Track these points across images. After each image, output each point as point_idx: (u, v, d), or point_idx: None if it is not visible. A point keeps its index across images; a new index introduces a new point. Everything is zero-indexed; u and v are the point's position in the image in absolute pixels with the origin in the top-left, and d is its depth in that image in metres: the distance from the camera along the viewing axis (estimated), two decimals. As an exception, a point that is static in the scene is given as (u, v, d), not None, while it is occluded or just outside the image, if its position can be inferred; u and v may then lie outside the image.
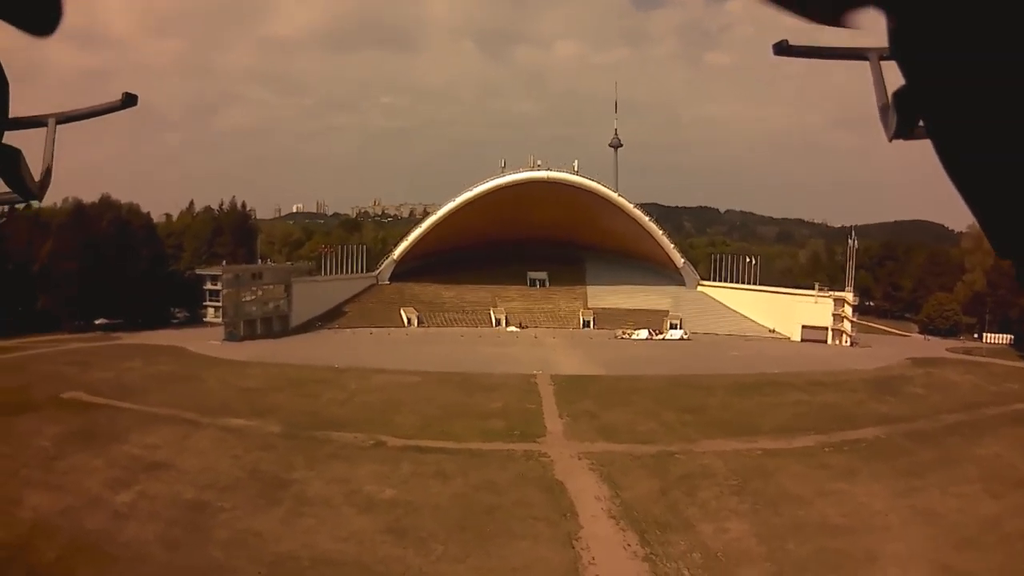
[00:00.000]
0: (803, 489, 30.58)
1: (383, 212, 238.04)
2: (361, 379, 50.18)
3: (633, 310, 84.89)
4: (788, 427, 39.89)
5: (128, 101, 1.72)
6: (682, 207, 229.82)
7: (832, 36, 1.17)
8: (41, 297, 70.24)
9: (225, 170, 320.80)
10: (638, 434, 38.13)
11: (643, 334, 78.12)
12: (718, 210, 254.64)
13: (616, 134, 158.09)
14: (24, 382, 46.09)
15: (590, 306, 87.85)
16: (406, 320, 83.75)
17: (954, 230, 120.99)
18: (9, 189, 1.38)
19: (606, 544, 24.62)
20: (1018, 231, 1.00)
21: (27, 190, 1.40)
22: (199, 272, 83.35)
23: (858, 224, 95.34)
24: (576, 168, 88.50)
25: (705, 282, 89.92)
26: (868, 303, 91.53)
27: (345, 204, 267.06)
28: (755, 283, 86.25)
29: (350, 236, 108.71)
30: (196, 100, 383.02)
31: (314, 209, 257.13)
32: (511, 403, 44.21)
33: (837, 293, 77.62)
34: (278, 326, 75.58)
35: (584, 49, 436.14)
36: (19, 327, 65.20)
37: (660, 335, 78.53)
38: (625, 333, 78.92)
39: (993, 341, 76.73)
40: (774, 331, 79.82)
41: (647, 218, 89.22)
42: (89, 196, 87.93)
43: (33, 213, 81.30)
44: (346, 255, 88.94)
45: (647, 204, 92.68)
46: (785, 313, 79.39)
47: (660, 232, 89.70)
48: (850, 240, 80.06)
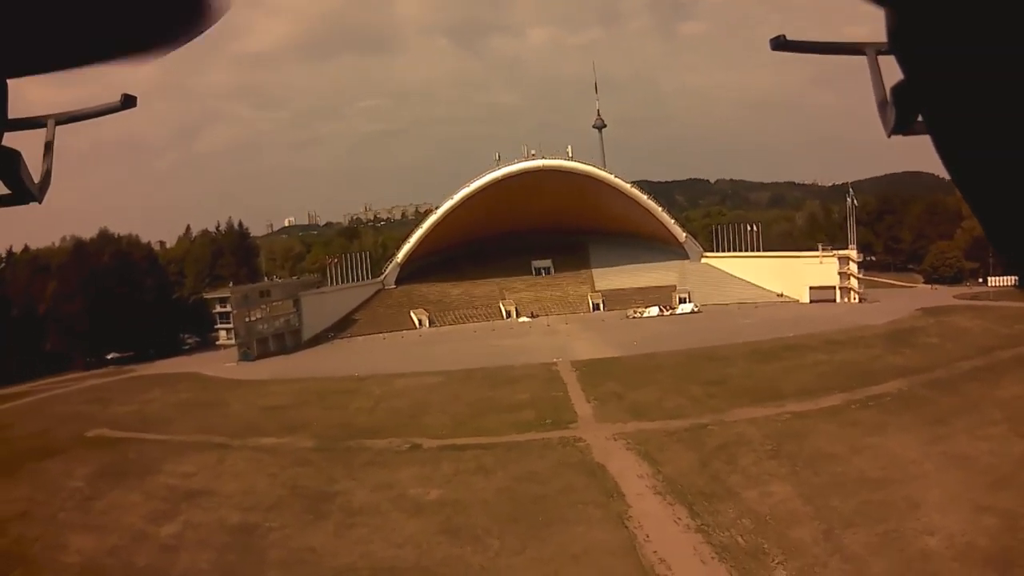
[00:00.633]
0: (837, 447, 30.88)
1: (375, 217, 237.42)
2: (384, 385, 50.32)
3: (641, 288, 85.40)
4: (812, 388, 40.21)
5: (127, 102, 1.70)
6: (672, 181, 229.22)
7: (829, 31, 1.27)
8: (50, 338, 70.36)
9: (213, 191, 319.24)
10: (667, 410, 38.42)
11: (654, 311, 78.53)
12: (708, 181, 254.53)
13: (599, 115, 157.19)
14: (45, 425, 45.90)
15: (598, 289, 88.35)
16: (417, 322, 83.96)
17: (945, 178, 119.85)
18: (9, 191, 1.38)
19: (657, 520, 24.88)
20: (1017, 226, 0.99)
21: (27, 192, 1.39)
22: (207, 296, 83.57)
23: (849, 181, 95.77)
24: (570, 154, 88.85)
25: (709, 254, 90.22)
26: (870, 258, 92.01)
27: (337, 213, 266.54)
28: (757, 250, 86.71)
29: (350, 244, 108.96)
30: (178, 124, 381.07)
31: (306, 221, 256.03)
32: (537, 393, 44.43)
33: (841, 252, 78.07)
34: (291, 341, 75.72)
35: (558, 33, 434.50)
36: (30, 370, 65.46)
37: (671, 310, 78.93)
38: (636, 312, 79.25)
39: (997, 284, 77.25)
40: (782, 295, 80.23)
41: (645, 196, 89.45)
42: (84, 232, 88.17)
43: (31, 256, 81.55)
44: (349, 263, 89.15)
45: (637, 182, 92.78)
46: (791, 276, 79.73)
47: (660, 209, 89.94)
48: (849, 198, 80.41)
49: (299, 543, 25.75)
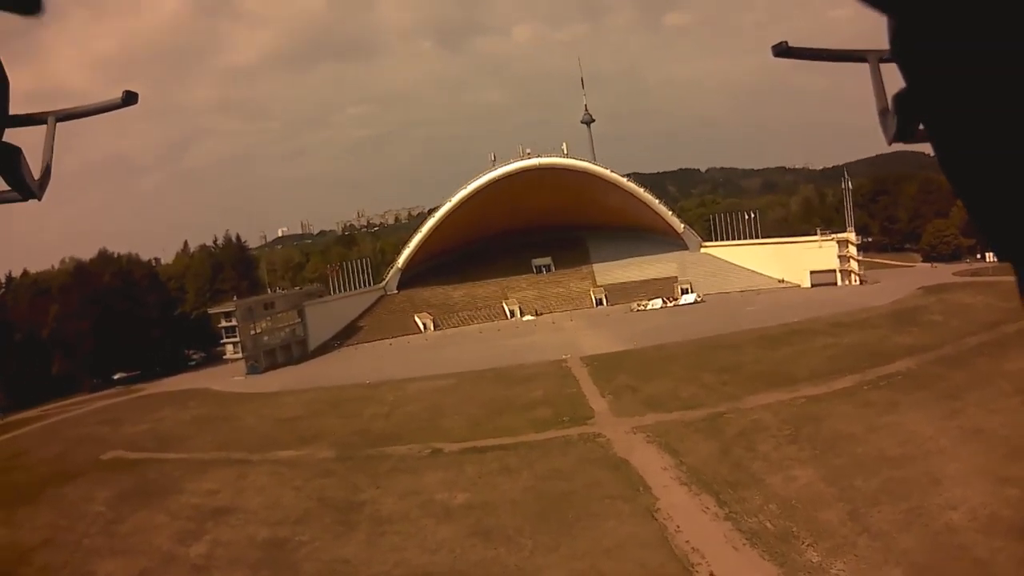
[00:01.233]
0: (854, 428, 31.26)
1: (368, 223, 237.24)
2: (396, 391, 50.42)
3: (642, 281, 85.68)
4: (823, 371, 40.57)
5: (128, 99, 1.69)
6: (663, 172, 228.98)
7: (831, 38, 1.36)
8: (55, 361, 70.18)
9: (206, 206, 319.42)
10: (683, 400, 38.75)
11: (658, 303, 78.80)
12: (699, 170, 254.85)
13: (586, 110, 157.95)
14: (60, 450, 45.59)
15: (599, 284, 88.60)
16: (422, 326, 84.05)
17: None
18: (9, 187, 1.38)
19: (685, 511, 25.21)
20: (1019, 235, 0.98)
21: (27, 188, 1.39)
22: (211, 311, 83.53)
23: (840, 163, 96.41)
24: (565, 151, 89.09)
25: (708, 243, 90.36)
26: (867, 240, 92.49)
27: (329, 221, 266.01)
28: (755, 237, 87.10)
29: (348, 251, 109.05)
30: (167, 141, 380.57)
31: (299, 230, 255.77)
32: (551, 390, 44.65)
33: (839, 235, 78.54)
34: (297, 352, 75.74)
35: (543, 30, 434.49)
36: (38, 395, 65.18)
37: (674, 302, 79.23)
38: (640, 305, 79.52)
39: (996, 260, 77.52)
40: (783, 281, 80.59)
41: (641, 189, 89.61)
42: (83, 253, 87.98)
43: (32, 280, 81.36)
44: (349, 271, 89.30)
45: (628, 174, 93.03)
46: (791, 262, 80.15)
47: (656, 201, 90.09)
48: (844, 181, 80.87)
49: (332, 555, 25.82)
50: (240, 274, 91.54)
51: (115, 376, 73.09)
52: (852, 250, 77.61)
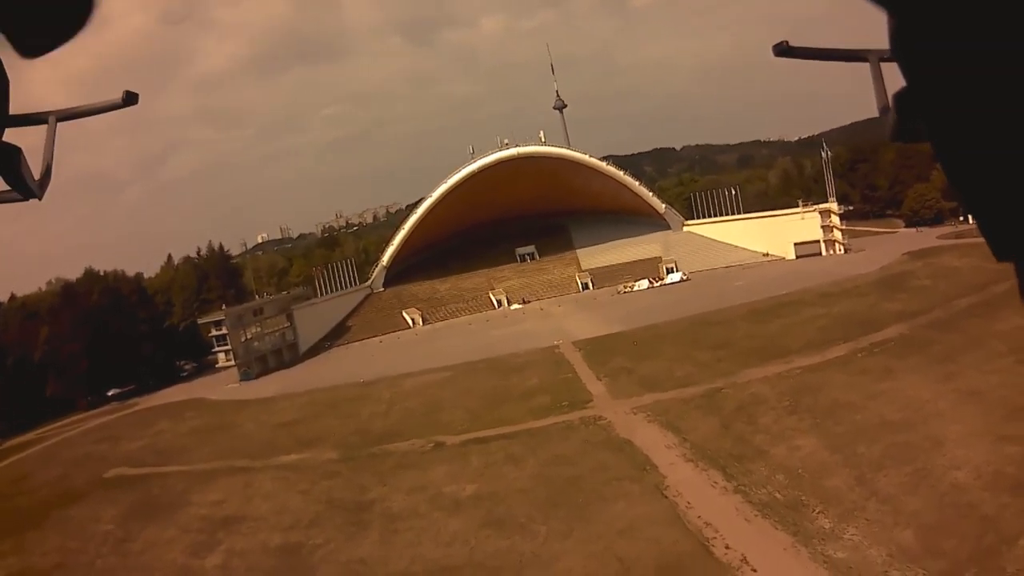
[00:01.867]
0: (852, 395, 31.65)
1: (347, 223, 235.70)
2: (392, 387, 50.43)
3: (627, 263, 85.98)
4: (816, 342, 41.04)
5: (129, 99, 1.66)
6: (639, 153, 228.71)
7: (832, 38, 1.33)
8: (49, 382, 69.28)
9: (185, 217, 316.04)
10: (679, 379, 39.01)
11: (644, 284, 79.21)
12: (674, 148, 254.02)
13: (558, 96, 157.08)
14: (61, 471, 45.09)
15: (584, 268, 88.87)
16: (411, 321, 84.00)
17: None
18: (9, 187, 1.37)
19: (694, 487, 25.46)
20: (1018, 234, 0.99)
21: (27, 188, 1.38)
22: (200, 321, 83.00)
23: (816, 133, 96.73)
24: (543, 138, 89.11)
25: (690, 222, 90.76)
26: (848, 208, 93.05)
27: (308, 223, 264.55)
28: (737, 213, 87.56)
29: (331, 253, 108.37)
30: (143, 153, 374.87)
31: (279, 235, 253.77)
32: (547, 377, 44.84)
33: (821, 205, 79.17)
34: (288, 355, 75.48)
35: (510, 20, 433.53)
36: (33, 417, 64.40)
37: (660, 282, 79.63)
38: (627, 287, 79.89)
39: (996, 260, 78.28)
40: (768, 254, 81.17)
41: (620, 172, 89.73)
42: (66, 271, 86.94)
43: (20, 304, 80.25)
44: (335, 272, 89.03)
45: (605, 157, 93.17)
46: (775, 235, 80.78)
47: (636, 183, 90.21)
48: (823, 151, 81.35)
49: (348, 555, 25.80)
50: (225, 283, 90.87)
51: (109, 393, 72.14)
52: (835, 220, 78.20)
